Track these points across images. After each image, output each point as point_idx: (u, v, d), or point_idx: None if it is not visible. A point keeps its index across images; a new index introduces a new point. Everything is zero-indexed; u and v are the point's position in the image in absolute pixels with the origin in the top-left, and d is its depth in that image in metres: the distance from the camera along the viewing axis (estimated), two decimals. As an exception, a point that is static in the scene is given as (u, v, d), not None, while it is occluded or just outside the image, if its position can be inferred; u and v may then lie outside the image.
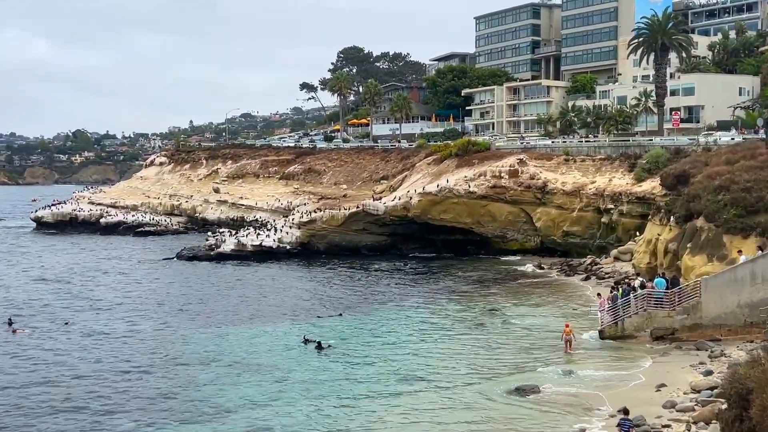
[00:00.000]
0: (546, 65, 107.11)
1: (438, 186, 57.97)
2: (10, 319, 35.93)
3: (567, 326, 28.74)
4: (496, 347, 29.76)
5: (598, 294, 32.91)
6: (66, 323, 35.84)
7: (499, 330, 32.76)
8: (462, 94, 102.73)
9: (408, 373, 26.39)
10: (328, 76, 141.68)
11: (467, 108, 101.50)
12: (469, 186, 57.11)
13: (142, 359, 29.43)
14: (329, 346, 30.37)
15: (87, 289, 46.39)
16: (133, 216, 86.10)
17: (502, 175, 57.24)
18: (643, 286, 30.37)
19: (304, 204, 71.28)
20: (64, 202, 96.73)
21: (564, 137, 70.70)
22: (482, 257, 56.25)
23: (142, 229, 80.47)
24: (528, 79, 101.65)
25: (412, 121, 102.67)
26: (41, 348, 31.45)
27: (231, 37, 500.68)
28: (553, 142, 66.58)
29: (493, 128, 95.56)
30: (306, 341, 30.96)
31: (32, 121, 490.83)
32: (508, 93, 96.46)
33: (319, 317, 36.47)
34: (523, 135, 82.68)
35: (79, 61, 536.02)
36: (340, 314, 36.94)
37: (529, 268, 50.17)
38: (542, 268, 49.69)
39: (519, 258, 54.43)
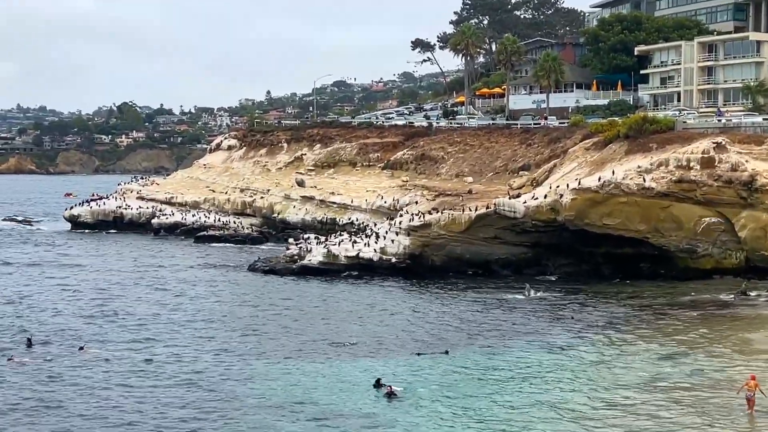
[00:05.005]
0: (755, 12, 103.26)
1: (600, 179, 57.16)
2: (29, 339, 39.44)
3: (752, 378, 28.36)
4: (678, 409, 29.04)
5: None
6: (81, 348, 38.06)
7: (685, 384, 31.95)
8: (635, 53, 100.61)
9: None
10: (450, 30, 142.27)
11: (642, 72, 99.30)
12: (644, 180, 56.05)
13: (189, 398, 30.95)
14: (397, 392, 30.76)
15: (126, 306, 48.79)
16: (193, 216, 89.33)
17: (692, 164, 55.90)
18: None
19: (416, 202, 71.75)
20: (107, 197, 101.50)
21: (781, 112, 68.20)
22: (661, 279, 55.13)
23: (204, 233, 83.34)
24: (729, 32, 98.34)
25: (565, 91, 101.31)
26: (56, 381, 33.40)
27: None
28: (765, 119, 64.37)
29: (678, 99, 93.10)
30: (379, 385, 31.72)
31: (67, 91, 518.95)
32: (701, 51, 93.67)
33: (419, 354, 37.18)
34: (722, 109, 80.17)
35: (126, 14, 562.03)
36: (446, 351, 37.47)
37: (729, 296, 48.72)
38: (748, 296, 48.21)
39: (715, 281, 53.10)
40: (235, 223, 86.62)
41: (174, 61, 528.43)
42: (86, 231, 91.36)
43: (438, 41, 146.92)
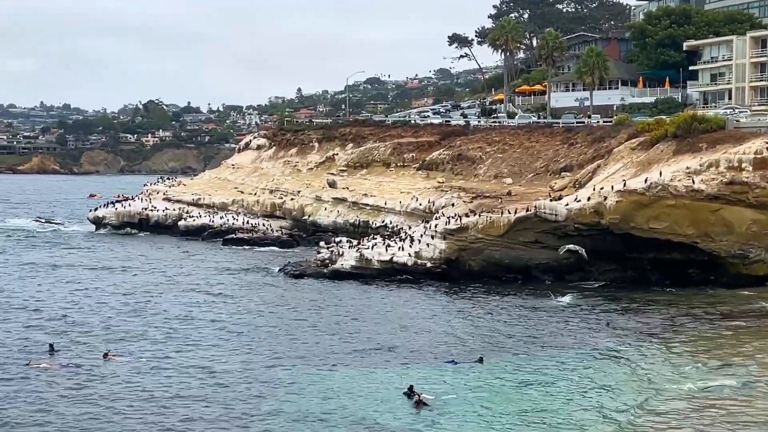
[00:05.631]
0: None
1: (646, 181, 56.81)
2: (51, 345, 39.76)
3: None
4: (727, 424, 28.70)
5: None
6: (105, 355, 38.38)
7: (734, 397, 31.60)
8: (684, 48, 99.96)
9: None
10: (489, 24, 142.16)
11: (691, 68, 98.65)
12: (693, 181, 55.63)
13: (216, 407, 31.33)
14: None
15: (152, 311, 49.37)
16: (221, 218, 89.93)
17: (744, 165, 55.39)
18: None
19: (452, 204, 71.74)
20: (132, 199, 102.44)
21: (839, 110, 67.43)
22: (711, 286, 54.82)
23: (232, 235, 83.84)
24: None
25: (609, 88, 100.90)
26: (76, 390, 33.53)
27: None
28: (822, 117, 63.67)
29: (729, 97, 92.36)
30: (411, 393, 32.03)
31: (92, 89, 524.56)
32: (754, 46, 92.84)
33: (453, 362, 37.45)
34: (776, 107, 79.42)
35: (151, 8, 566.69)
36: (481, 359, 37.65)
37: (782, 304, 48.19)
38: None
39: None
40: (264, 225, 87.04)
41: (202, 57, 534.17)
42: (111, 233, 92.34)
43: (476, 36, 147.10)
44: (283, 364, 37.32)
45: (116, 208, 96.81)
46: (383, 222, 77.93)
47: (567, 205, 58.65)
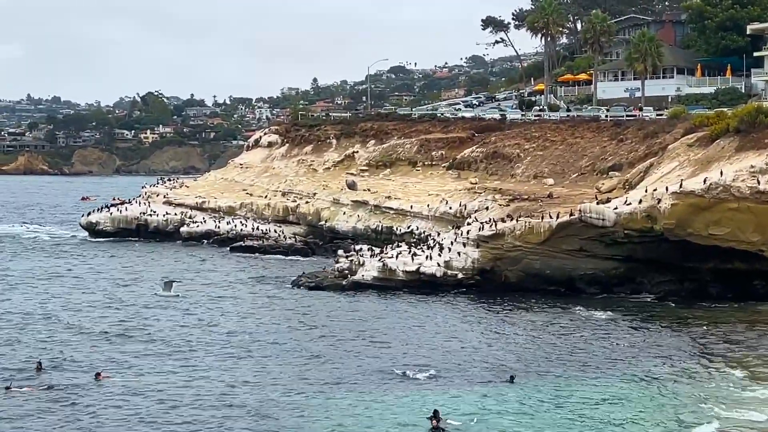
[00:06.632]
0: None
1: (706, 181, 56.59)
2: (39, 362, 39.76)
3: None
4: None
5: None
6: (98, 374, 38.40)
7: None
8: (747, 32, 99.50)
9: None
10: (527, 6, 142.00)
11: (756, 55, 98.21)
12: (759, 182, 55.34)
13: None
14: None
15: (152, 327, 49.40)
16: (228, 224, 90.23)
17: (815, 164, 55.12)
18: None
19: (486, 208, 71.69)
20: (129, 202, 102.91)
21: None
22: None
23: (241, 243, 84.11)
24: None
25: (663, 77, 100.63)
26: (64, 416, 33.30)
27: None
28: None
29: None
30: (436, 419, 31.90)
31: (84, 79, 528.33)
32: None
33: (482, 382, 37.46)
34: None
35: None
36: (512, 378, 37.68)
37: None
38: None
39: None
40: (276, 231, 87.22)
41: (207, 44, 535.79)
42: (106, 240, 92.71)
43: (513, 19, 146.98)
44: (296, 388, 37.23)
45: (111, 213, 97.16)
46: (409, 228, 77.92)
47: (616, 208, 58.50)
